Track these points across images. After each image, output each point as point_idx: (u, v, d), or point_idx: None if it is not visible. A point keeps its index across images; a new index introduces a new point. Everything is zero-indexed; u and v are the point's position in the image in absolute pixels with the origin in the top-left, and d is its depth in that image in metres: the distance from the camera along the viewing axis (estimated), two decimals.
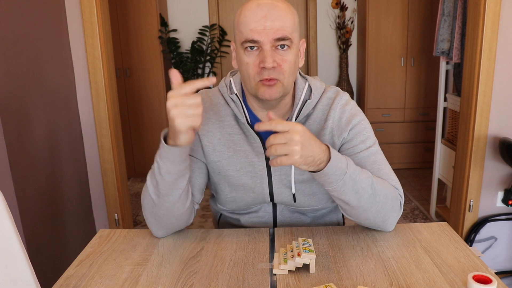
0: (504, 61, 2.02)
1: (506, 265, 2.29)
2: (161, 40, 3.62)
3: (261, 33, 0.93)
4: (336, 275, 0.88)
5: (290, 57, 0.96)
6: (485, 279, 0.80)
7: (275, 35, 0.93)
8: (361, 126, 1.06)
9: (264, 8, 0.93)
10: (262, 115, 1.08)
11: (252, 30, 0.93)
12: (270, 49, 0.94)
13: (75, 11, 2.08)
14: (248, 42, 0.94)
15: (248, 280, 0.88)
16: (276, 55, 0.95)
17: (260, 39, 0.93)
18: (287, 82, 0.98)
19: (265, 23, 0.93)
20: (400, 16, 3.62)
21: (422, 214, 3.02)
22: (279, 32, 0.93)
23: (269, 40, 0.93)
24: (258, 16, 0.93)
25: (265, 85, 0.96)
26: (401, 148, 3.87)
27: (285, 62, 0.96)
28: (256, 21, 0.93)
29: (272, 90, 0.97)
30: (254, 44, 0.94)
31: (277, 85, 0.97)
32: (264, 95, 0.97)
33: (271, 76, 0.95)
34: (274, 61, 0.94)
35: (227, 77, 1.12)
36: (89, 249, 1.04)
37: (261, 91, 0.98)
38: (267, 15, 0.93)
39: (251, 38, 0.94)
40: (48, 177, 1.85)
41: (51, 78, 1.93)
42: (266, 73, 0.95)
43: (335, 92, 1.10)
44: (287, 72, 0.97)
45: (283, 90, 0.99)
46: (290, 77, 0.99)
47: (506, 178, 2.15)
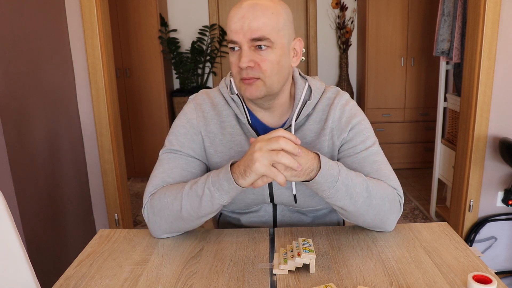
0: (504, 61, 2.02)
1: (506, 265, 2.29)
2: (161, 40, 3.62)
3: (239, 33, 0.94)
4: (336, 275, 0.88)
5: (270, 57, 0.95)
6: (485, 279, 0.80)
7: (252, 35, 0.93)
8: (361, 126, 1.06)
9: (244, 8, 0.94)
10: (261, 115, 1.08)
11: (232, 31, 0.95)
12: (248, 49, 0.94)
13: (75, 11, 2.08)
14: (230, 42, 0.96)
15: (248, 280, 0.88)
16: (255, 55, 0.95)
17: (238, 39, 0.94)
18: (269, 81, 0.97)
19: (243, 24, 0.93)
20: (400, 16, 3.62)
21: (422, 214, 3.02)
22: (256, 32, 0.93)
23: (246, 40, 0.93)
24: (237, 16, 0.94)
25: (245, 83, 0.97)
26: (401, 148, 3.87)
27: (264, 61, 0.95)
28: (235, 22, 0.94)
29: (252, 89, 0.97)
30: (234, 44, 0.95)
31: (257, 84, 0.96)
32: (246, 94, 0.98)
33: (250, 75, 0.95)
34: (250, 61, 0.94)
35: (227, 77, 1.12)
36: (89, 249, 1.04)
37: (243, 89, 0.98)
38: (245, 15, 0.93)
39: (231, 39, 0.95)
40: (48, 177, 1.85)
41: (51, 78, 1.93)
42: (244, 73, 0.96)
43: (335, 92, 1.09)
44: (267, 71, 0.95)
45: (266, 89, 0.98)
46: (274, 77, 0.97)
47: (506, 178, 2.15)
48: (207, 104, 1.10)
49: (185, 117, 1.10)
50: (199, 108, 1.10)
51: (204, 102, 1.11)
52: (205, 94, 1.13)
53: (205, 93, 1.13)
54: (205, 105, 1.10)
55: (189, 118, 1.09)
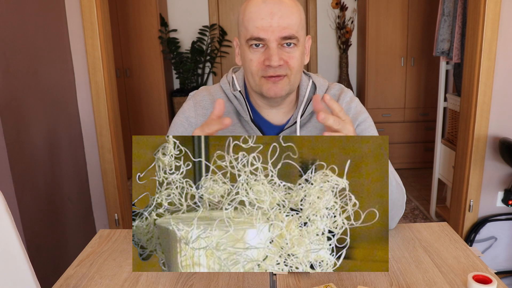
0: (504, 61, 2.02)
1: (506, 265, 2.29)
2: (161, 40, 3.62)
3: (267, 30, 0.90)
4: (336, 275, 0.88)
5: (297, 54, 0.94)
6: (485, 279, 0.80)
7: (282, 33, 0.91)
8: (366, 123, 1.06)
9: (271, 5, 0.91)
10: (266, 112, 1.06)
11: (258, 28, 0.91)
12: (276, 47, 0.91)
13: (75, 11, 2.08)
14: (253, 39, 0.92)
15: (248, 280, 0.88)
16: (283, 53, 0.93)
17: (266, 37, 0.91)
18: (294, 79, 0.96)
19: (272, 21, 0.90)
20: (400, 16, 3.62)
21: (422, 214, 3.02)
22: (286, 30, 0.91)
23: (276, 38, 0.91)
24: (264, 13, 0.91)
25: (269, 81, 0.94)
26: (401, 148, 3.87)
27: (292, 59, 0.94)
28: (262, 18, 0.91)
29: (277, 87, 0.95)
30: (260, 41, 0.92)
31: (283, 81, 0.95)
32: (269, 92, 0.96)
33: (277, 73, 0.93)
34: (280, 59, 0.92)
35: (229, 74, 1.10)
36: (89, 249, 1.04)
37: (266, 88, 0.95)
38: (273, 12, 0.90)
39: (256, 36, 0.91)
40: (48, 177, 1.85)
41: (51, 78, 1.93)
42: (271, 71, 0.93)
43: (339, 89, 1.09)
44: (294, 68, 0.95)
45: (290, 87, 0.97)
46: (297, 74, 0.97)
47: (506, 178, 2.15)
48: (207, 100, 1.09)
49: (183, 115, 1.09)
50: (198, 106, 1.09)
51: (204, 99, 1.09)
52: (206, 90, 1.11)
53: (205, 90, 1.11)
54: (205, 101, 1.09)
55: (187, 116, 1.08)
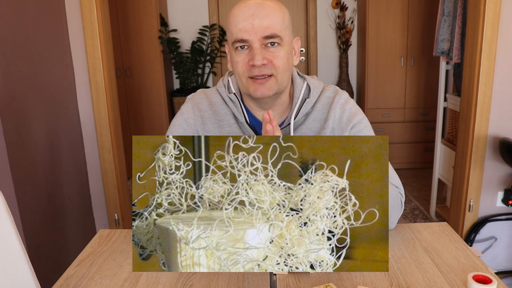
0: (504, 61, 2.02)
1: (506, 265, 2.29)
2: (161, 40, 3.62)
3: (249, 31, 0.93)
4: (336, 275, 0.88)
5: (281, 53, 0.96)
6: (485, 279, 0.80)
7: (264, 33, 0.93)
8: (362, 125, 1.06)
9: (252, 7, 0.94)
10: (259, 114, 1.08)
11: (241, 30, 0.94)
12: (259, 47, 0.94)
13: (75, 11, 2.08)
14: (238, 42, 0.95)
15: (248, 280, 0.88)
16: (267, 53, 0.95)
17: (249, 38, 0.94)
18: (281, 78, 0.98)
19: (253, 22, 0.93)
20: (400, 16, 3.62)
21: (422, 214, 3.02)
22: (268, 30, 0.93)
23: (258, 38, 0.94)
24: (246, 15, 0.94)
25: (256, 82, 0.97)
26: (401, 148, 3.87)
27: (276, 58, 0.96)
28: (244, 20, 0.94)
29: (264, 88, 0.97)
30: (244, 43, 0.95)
31: (270, 81, 0.97)
32: (256, 93, 0.98)
33: (262, 72, 0.95)
34: (264, 58, 0.94)
35: (225, 77, 1.12)
36: (89, 249, 1.04)
37: (252, 89, 0.98)
38: (254, 14, 0.93)
39: (240, 38, 0.95)
40: (48, 177, 1.85)
41: (51, 78, 1.94)
42: (256, 70, 0.95)
43: (334, 91, 1.10)
44: (280, 67, 0.96)
45: (277, 87, 0.98)
46: (284, 73, 0.98)
47: (506, 178, 2.15)
48: (205, 103, 1.11)
49: (182, 116, 1.11)
50: (196, 108, 1.10)
51: (202, 102, 1.11)
52: (203, 93, 1.13)
53: (202, 92, 1.14)
54: (203, 104, 1.10)
55: (186, 118, 1.10)
